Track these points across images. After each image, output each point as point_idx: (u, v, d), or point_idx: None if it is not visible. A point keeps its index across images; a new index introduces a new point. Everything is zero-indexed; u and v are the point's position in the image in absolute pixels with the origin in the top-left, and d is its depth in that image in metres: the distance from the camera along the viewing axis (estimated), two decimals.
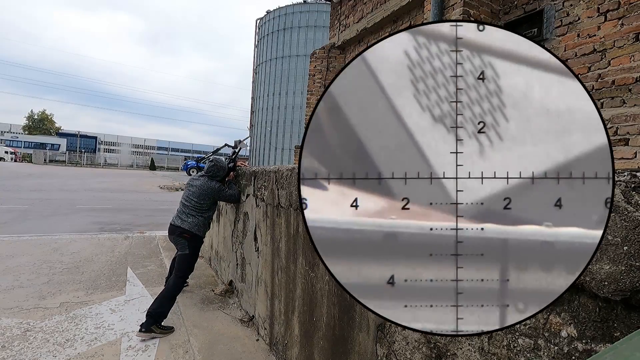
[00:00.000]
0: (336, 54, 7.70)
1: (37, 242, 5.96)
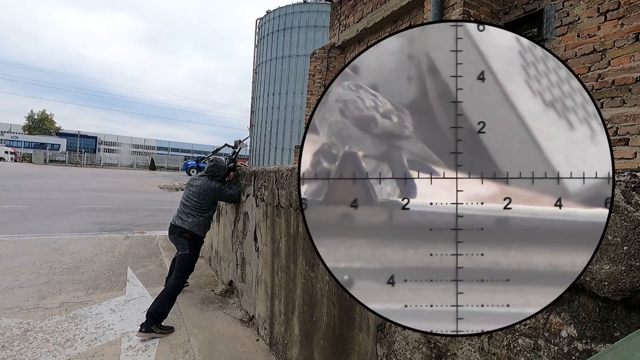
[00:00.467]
0: (336, 54, 7.70)
1: (37, 242, 5.96)
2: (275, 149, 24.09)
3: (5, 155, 40.44)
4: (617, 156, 3.24)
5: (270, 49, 24.61)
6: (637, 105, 3.17)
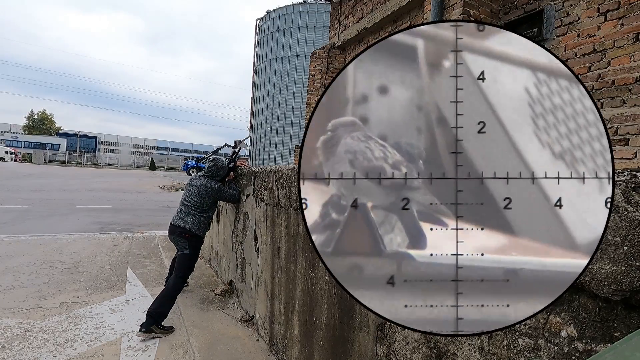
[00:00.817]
0: (336, 54, 7.70)
1: (37, 242, 5.96)
2: (275, 149, 24.09)
3: (5, 155, 40.41)
4: (617, 156, 3.24)
5: (270, 49, 24.60)
6: (637, 105, 3.17)
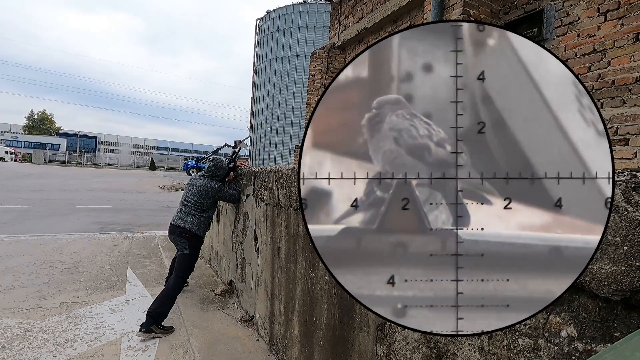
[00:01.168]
0: (336, 54, 7.70)
1: (37, 242, 5.96)
2: (275, 149, 24.09)
3: (5, 155, 40.40)
4: (617, 156, 3.24)
5: (270, 49, 24.60)
6: (637, 105, 3.17)
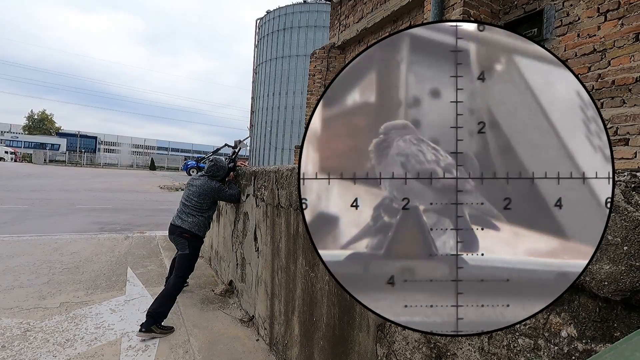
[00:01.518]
0: (336, 54, 7.70)
1: (37, 242, 5.96)
2: (275, 149, 24.09)
3: (5, 155, 40.38)
4: (617, 156, 3.24)
5: (270, 49, 24.60)
6: (637, 105, 3.17)
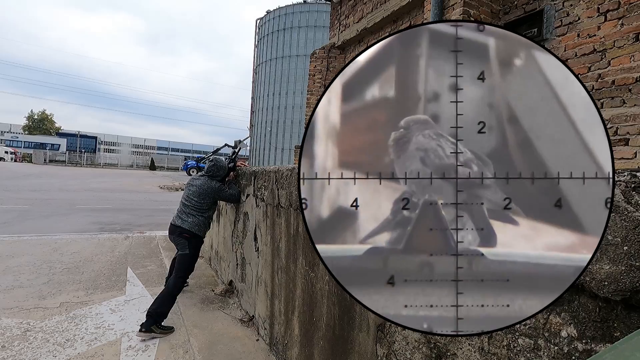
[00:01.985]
0: (336, 54, 7.70)
1: (37, 242, 5.96)
2: (275, 149, 24.08)
3: (5, 155, 40.38)
4: (617, 156, 3.24)
5: (270, 49, 24.59)
6: (637, 105, 3.17)
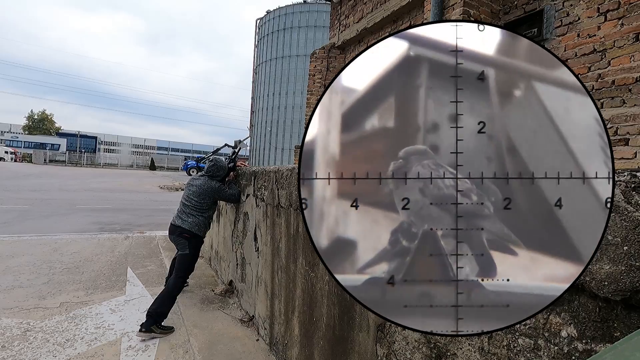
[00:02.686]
0: (336, 54, 7.70)
1: (37, 242, 5.96)
2: (275, 149, 24.08)
3: (5, 155, 40.36)
4: (617, 156, 3.24)
5: (270, 49, 24.59)
6: (637, 105, 3.17)
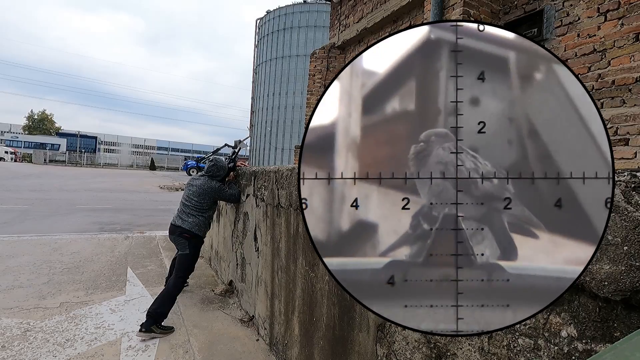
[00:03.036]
0: (336, 54, 7.70)
1: (37, 242, 5.96)
2: (275, 149, 24.07)
3: (5, 155, 40.38)
4: (617, 156, 3.24)
5: (270, 49, 24.59)
6: (637, 105, 3.17)
